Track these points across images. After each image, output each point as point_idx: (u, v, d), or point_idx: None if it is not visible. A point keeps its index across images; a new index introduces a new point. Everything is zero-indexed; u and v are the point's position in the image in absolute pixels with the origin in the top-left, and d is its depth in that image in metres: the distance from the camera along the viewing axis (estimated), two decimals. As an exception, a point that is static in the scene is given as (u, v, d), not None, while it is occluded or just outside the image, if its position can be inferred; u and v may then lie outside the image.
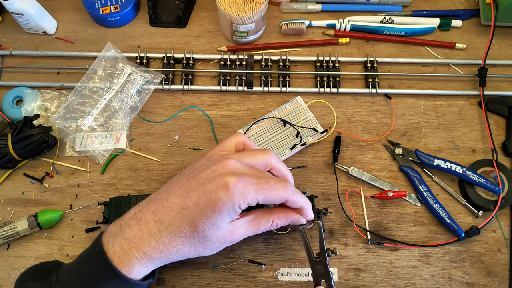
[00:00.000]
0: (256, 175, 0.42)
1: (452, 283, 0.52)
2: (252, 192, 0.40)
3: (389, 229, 0.54)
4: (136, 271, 0.41)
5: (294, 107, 0.60)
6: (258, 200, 0.41)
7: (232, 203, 0.39)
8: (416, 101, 0.61)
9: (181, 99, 0.62)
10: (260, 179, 0.41)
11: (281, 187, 0.42)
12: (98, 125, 0.59)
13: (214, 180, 0.40)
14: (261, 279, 0.52)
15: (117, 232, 0.42)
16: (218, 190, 0.39)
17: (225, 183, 0.39)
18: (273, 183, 0.42)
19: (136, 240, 0.41)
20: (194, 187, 0.41)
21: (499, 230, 0.54)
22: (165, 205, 0.41)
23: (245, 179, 0.40)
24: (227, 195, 0.39)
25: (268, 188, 0.41)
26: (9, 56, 0.64)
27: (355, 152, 0.58)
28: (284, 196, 0.42)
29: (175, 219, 0.40)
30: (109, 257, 0.40)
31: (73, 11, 0.68)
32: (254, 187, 0.40)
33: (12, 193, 0.56)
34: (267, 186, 0.41)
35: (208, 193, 0.40)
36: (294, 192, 0.43)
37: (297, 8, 0.67)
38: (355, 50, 0.65)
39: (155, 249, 0.41)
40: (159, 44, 0.65)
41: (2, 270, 0.52)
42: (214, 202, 0.39)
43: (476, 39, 0.65)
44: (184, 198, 0.41)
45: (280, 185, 0.42)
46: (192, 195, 0.40)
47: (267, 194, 0.41)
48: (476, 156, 0.58)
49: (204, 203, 0.40)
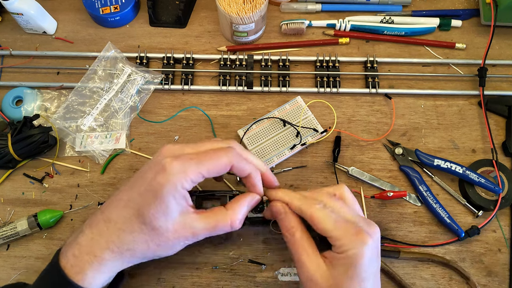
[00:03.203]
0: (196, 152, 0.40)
1: (452, 283, 0.52)
2: (193, 167, 0.38)
3: (389, 229, 0.54)
4: (90, 277, 0.38)
5: (294, 107, 0.60)
6: (202, 174, 0.39)
7: (173, 184, 0.38)
8: (416, 101, 0.61)
9: (181, 99, 0.62)
10: (198, 152, 0.40)
11: (222, 154, 0.40)
12: (98, 125, 0.59)
13: (152, 167, 0.39)
14: (261, 279, 0.52)
15: (72, 240, 0.41)
16: (156, 175, 0.38)
17: (161, 165, 0.38)
18: (212, 152, 0.40)
19: (87, 243, 0.39)
20: (138, 179, 0.40)
21: (499, 230, 0.54)
22: (112, 202, 0.41)
23: (182, 157, 0.39)
24: (164, 176, 0.37)
25: (208, 158, 0.39)
26: (9, 56, 0.64)
27: (355, 152, 0.58)
28: (228, 161, 0.40)
29: (122, 213, 0.39)
30: (61, 266, 0.39)
31: (73, 11, 0.68)
32: (193, 162, 0.38)
33: (12, 193, 0.56)
34: (207, 156, 0.39)
35: (148, 180, 0.38)
36: (239, 158, 0.41)
37: (297, 8, 0.67)
38: (355, 50, 0.65)
39: (106, 250, 0.39)
40: (159, 44, 0.65)
41: (2, 270, 0.52)
42: (154, 187, 0.38)
43: (476, 39, 0.65)
44: (128, 191, 0.40)
45: (222, 152, 0.40)
46: (134, 186, 0.40)
47: (209, 164, 0.39)
48: (476, 156, 0.58)
49: (145, 190, 0.38)
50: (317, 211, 0.40)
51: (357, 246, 0.38)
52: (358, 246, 0.38)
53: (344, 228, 0.39)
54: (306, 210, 0.41)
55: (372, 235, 0.38)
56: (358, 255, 0.37)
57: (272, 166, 0.56)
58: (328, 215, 0.39)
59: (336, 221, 0.39)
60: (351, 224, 0.39)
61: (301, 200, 0.42)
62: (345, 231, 0.38)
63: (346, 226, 0.39)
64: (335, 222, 0.39)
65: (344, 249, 0.38)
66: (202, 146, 0.42)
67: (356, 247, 0.38)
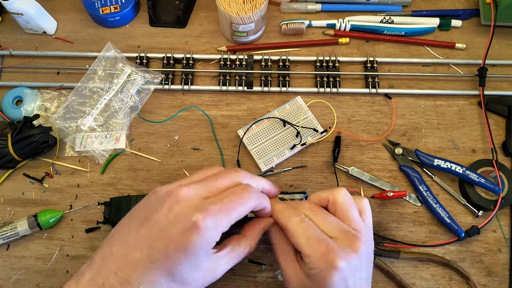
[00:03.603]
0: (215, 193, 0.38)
1: (452, 283, 0.52)
2: (224, 218, 0.36)
3: (389, 229, 0.54)
4: None
5: (294, 107, 0.60)
6: (231, 222, 0.37)
7: (207, 241, 0.36)
8: (416, 101, 0.61)
9: (181, 99, 0.62)
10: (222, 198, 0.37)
11: (247, 198, 0.38)
12: (98, 125, 0.59)
13: (177, 222, 0.35)
14: (261, 279, 0.52)
15: None
16: (188, 234, 0.35)
17: (193, 223, 0.35)
18: (237, 198, 0.38)
19: None
20: (155, 235, 0.36)
21: (499, 230, 0.54)
22: (127, 261, 0.35)
23: (210, 209, 0.36)
24: (199, 235, 0.35)
25: (235, 206, 0.37)
26: (9, 56, 0.64)
27: (355, 152, 0.58)
28: (253, 205, 0.39)
29: (146, 276, 0.35)
30: None
31: (73, 11, 0.68)
32: (223, 214, 0.36)
33: (12, 193, 0.56)
34: (233, 204, 0.37)
35: (175, 240, 0.35)
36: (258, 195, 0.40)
37: (297, 8, 0.67)
38: (355, 50, 0.65)
39: None
40: (159, 44, 0.65)
41: (2, 270, 0.52)
42: (186, 247, 0.35)
43: (476, 39, 0.65)
44: (148, 250, 0.35)
45: (246, 195, 0.38)
46: (157, 245, 0.35)
47: (238, 212, 0.37)
48: (476, 156, 0.58)
49: (174, 251, 0.35)
50: (292, 224, 0.39)
51: (324, 268, 0.37)
52: (326, 268, 0.37)
53: (315, 246, 0.37)
54: (283, 222, 0.41)
55: (345, 256, 0.37)
56: (325, 276, 0.37)
57: (272, 166, 0.56)
58: (302, 229, 0.39)
59: (309, 237, 0.38)
60: (323, 242, 0.38)
61: (280, 211, 0.41)
62: (315, 250, 0.37)
63: (317, 245, 0.37)
64: (308, 239, 0.38)
65: (312, 267, 0.38)
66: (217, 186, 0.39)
67: (323, 269, 0.37)
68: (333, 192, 0.42)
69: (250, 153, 0.57)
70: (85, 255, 0.53)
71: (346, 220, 0.41)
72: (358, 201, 0.43)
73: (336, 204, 0.41)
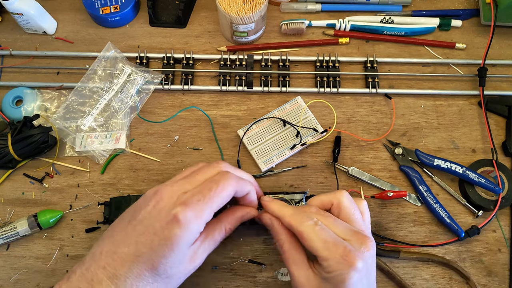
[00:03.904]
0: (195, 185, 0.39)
1: (452, 283, 0.52)
2: (204, 209, 0.37)
3: (389, 229, 0.54)
4: None
5: (294, 107, 0.60)
6: (213, 211, 0.38)
7: (190, 232, 0.37)
8: (416, 101, 0.61)
9: (181, 99, 0.62)
10: (201, 189, 0.38)
11: (226, 183, 0.39)
12: (98, 125, 0.59)
13: (160, 217, 0.37)
14: (261, 279, 0.52)
15: None
16: (170, 227, 0.36)
17: (173, 216, 0.36)
18: (215, 185, 0.38)
19: None
20: (141, 230, 0.37)
21: (499, 230, 0.54)
22: (115, 257, 0.37)
23: (189, 201, 0.37)
24: (181, 228, 0.36)
25: (214, 193, 0.38)
26: (9, 56, 0.64)
27: (355, 152, 0.58)
28: (232, 189, 0.39)
29: (132, 270, 0.36)
30: None
31: (73, 11, 0.68)
32: (203, 203, 0.37)
33: (12, 193, 0.56)
34: (212, 191, 0.38)
35: (159, 233, 0.36)
36: (239, 181, 0.40)
37: (297, 8, 0.67)
38: (355, 50, 0.65)
39: None
40: (159, 44, 0.65)
41: (2, 270, 0.52)
42: (170, 240, 0.36)
43: (476, 39, 0.65)
44: (135, 245, 0.37)
45: (224, 182, 0.39)
46: (142, 240, 0.37)
47: (217, 199, 0.38)
48: (476, 156, 0.58)
49: (159, 244, 0.36)
50: (307, 229, 0.39)
51: (344, 269, 0.37)
52: (345, 270, 0.37)
53: (333, 249, 0.37)
54: (296, 227, 0.40)
55: (361, 256, 0.38)
56: (345, 278, 0.37)
57: (272, 166, 0.56)
58: (317, 233, 0.38)
59: (326, 241, 0.38)
60: (340, 245, 0.38)
61: (292, 216, 0.41)
62: (333, 252, 0.37)
63: (334, 247, 0.37)
64: (324, 242, 0.38)
65: (331, 270, 0.37)
66: (198, 179, 0.40)
67: (343, 271, 0.37)
68: (336, 195, 0.42)
69: (250, 153, 0.57)
70: (85, 255, 0.53)
71: (351, 222, 0.41)
72: (358, 203, 0.44)
73: (340, 207, 0.42)
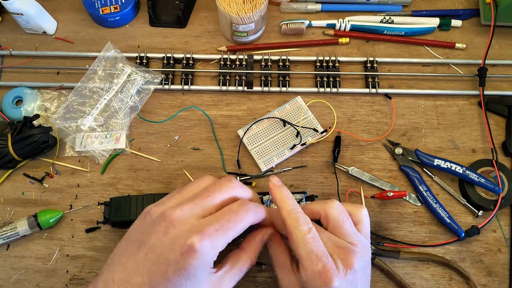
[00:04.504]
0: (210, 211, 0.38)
1: (452, 283, 0.52)
2: (221, 238, 0.36)
3: (389, 229, 0.54)
4: None
5: (294, 107, 0.60)
6: (229, 241, 0.37)
7: (205, 263, 0.36)
8: (416, 101, 0.61)
9: (181, 99, 0.62)
10: (219, 218, 0.37)
11: (245, 215, 0.38)
12: (98, 125, 0.59)
13: (173, 246, 0.35)
14: (261, 279, 0.52)
15: None
16: (185, 257, 0.35)
17: (190, 246, 0.35)
18: (235, 216, 0.37)
19: None
20: (153, 259, 0.36)
21: (499, 230, 0.54)
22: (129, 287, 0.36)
23: (207, 230, 0.36)
24: (196, 258, 0.35)
25: (233, 225, 0.37)
26: (9, 56, 0.64)
27: (355, 152, 0.58)
28: (251, 221, 0.39)
29: None
30: None
31: (73, 11, 0.68)
32: (220, 233, 0.36)
33: (12, 193, 0.56)
34: (230, 223, 0.37)
35: (174, 264, 0.35)
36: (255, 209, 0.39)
37: (297, 8, 0.67)
38: (355, 50, 0.65)
39: None
40: (159, 44, 0.65)
41: (2, 270, 0.52)
42: (186, 270, 0.35)
43: (476, 39, 0.65)
44: (148, 275, 0.36)
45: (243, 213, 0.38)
46: (156, 270, 0.36)
47: (235, 231, 0.37)
48: (476, 156, 0.58)
49: (174, 274, 0.35)
50: (298, 233, 0.39)
51: (319, 285, 0.37)
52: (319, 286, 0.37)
53: (314, 261, 0.37)
54: (289, 227, 0.39)
55: (340, 276, 0.37)
56: None
57: (272, 166, 0.56)
58: (306, 241, 0.38)
59: (311, 251, 0.38)
60: (322, 260, 0.37)
61: (290, 213, 0.40)
62: (313, 265, 0.37)
63: (316, 260, 0.37)
64: (309, 253, 0.38)
65: (307, 281, 0.38)
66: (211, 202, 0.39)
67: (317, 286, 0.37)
68: (324, 206, 0.42)
69: (250, 153, 0.57)
70: (85, 255, 0.53)
71: (340, 235, 0.40)
72: (357, 210, 0.43)
73: (328, 218, 0.41)
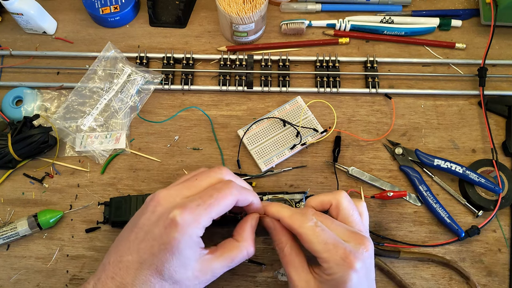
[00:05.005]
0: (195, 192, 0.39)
1: (452, 283, 0.52)
2: (203, 213, 0.37)
3: (389, 229, 0.54)
4: None
5: (294, 107, 0.60)
6: (212, 217, 0.38)
7: (189, 236, 0.37)
8: (416, 101, 0.61)
9: (181, 99, 0.62)
10: (202, 195, 0.38)
11: (227, 192, 0.39)
12: (98, 125, 0.59)
13: (158, 222, 0.37)
14: (261, 279, 0.52)
15: None
16: (168, 231, 0.36)
17: (171, 220, 0.36)
18: (217, 192, 0.38)
19: None
20: (141, 237, 0.38)
21: (499, 230, 0.54)
22: (121, 266, 0.38)
23: (188, 205, 0.37)
24: (179, 231, 0.36)
25: (215, 201, 0.38)
26: (9, 56, 0.64)
27: (355, 152, 0.58)
28: (234, 198, 0.39)
29: (138, 277, 0.37)
30: None
31: (73, 11, 0.68)
32: (202, 208, 0.37)
33: (12, 193, 0.56)
34: (213, 198, 0.38)
35: (159, 238, 0.36)
36: (241, 190, 0.40)
37: (297, 8, 0.67)
38: (355, 50, 0.65)
39: None
40: (159, 44, 0.65)
41: (2, 270, 0.52)
42: (169, 244, 0.36)
43: (476, 39, 0.65)
44: (137, 252, 0.37)
45: (226, 190, 0.39)
46: (143, 246, 0.37)
47: (218, 206, 0.38)
48: (476, 156, 0.58)
49: (159, 249, 0.36)
50: (307, 230, 0.39)
51: (344, 271, 0.37)
52: (345, 272, 0.37)
53: (333, 251, 0.38)
54: (297, 228, 0.40)
55: (360, 257, 0.38)
56: (345, 280, 0.37)
57: (272, 166, 0.56)
58: (318, 235, 0.38)
59: (326, 242, 0.38)
60: (340, 246, 0.38)
61: (291, 217, 0.41)
62: (334, 254, 0.37)
63: (335, 249, 0.38)
64: (325, 244, 0.38)
65: (331, 272, 0.38)
66: (198, 184, 0.40)
67: (343, 272, 0.37)
68: (335, 196, 0.42)
69: (250, 153, 0.57)
70: (85, 255, 0.53)
71: (350, 223, 0.41)
72: (357, 203, 0.44)
73: (339, 207, 0.42)
